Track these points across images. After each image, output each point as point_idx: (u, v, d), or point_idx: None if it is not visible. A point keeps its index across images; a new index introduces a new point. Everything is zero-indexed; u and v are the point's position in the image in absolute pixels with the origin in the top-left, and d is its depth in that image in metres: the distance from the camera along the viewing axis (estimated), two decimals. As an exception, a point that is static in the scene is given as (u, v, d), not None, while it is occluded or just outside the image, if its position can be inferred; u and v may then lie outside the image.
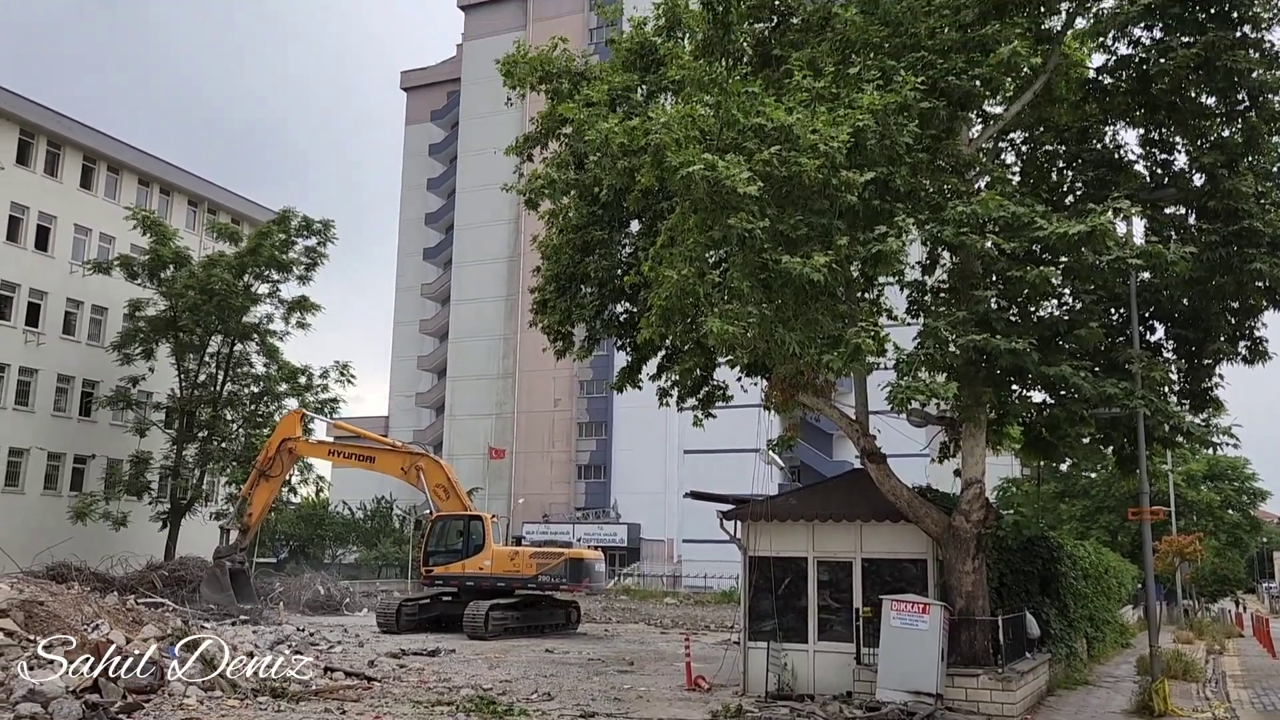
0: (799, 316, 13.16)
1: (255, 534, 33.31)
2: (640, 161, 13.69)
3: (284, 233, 40.98)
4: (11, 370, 40.06)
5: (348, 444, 33.49)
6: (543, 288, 19.50)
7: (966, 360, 14.17)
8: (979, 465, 15.84)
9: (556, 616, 29.87)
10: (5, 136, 40.33)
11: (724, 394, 19.38)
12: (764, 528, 17.15)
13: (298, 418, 33.33)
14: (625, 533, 65.48)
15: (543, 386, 71.82)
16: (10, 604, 13.66)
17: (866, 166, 13.17)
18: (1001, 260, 14.15)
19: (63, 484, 41.70)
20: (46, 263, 41.66)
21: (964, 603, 15.31)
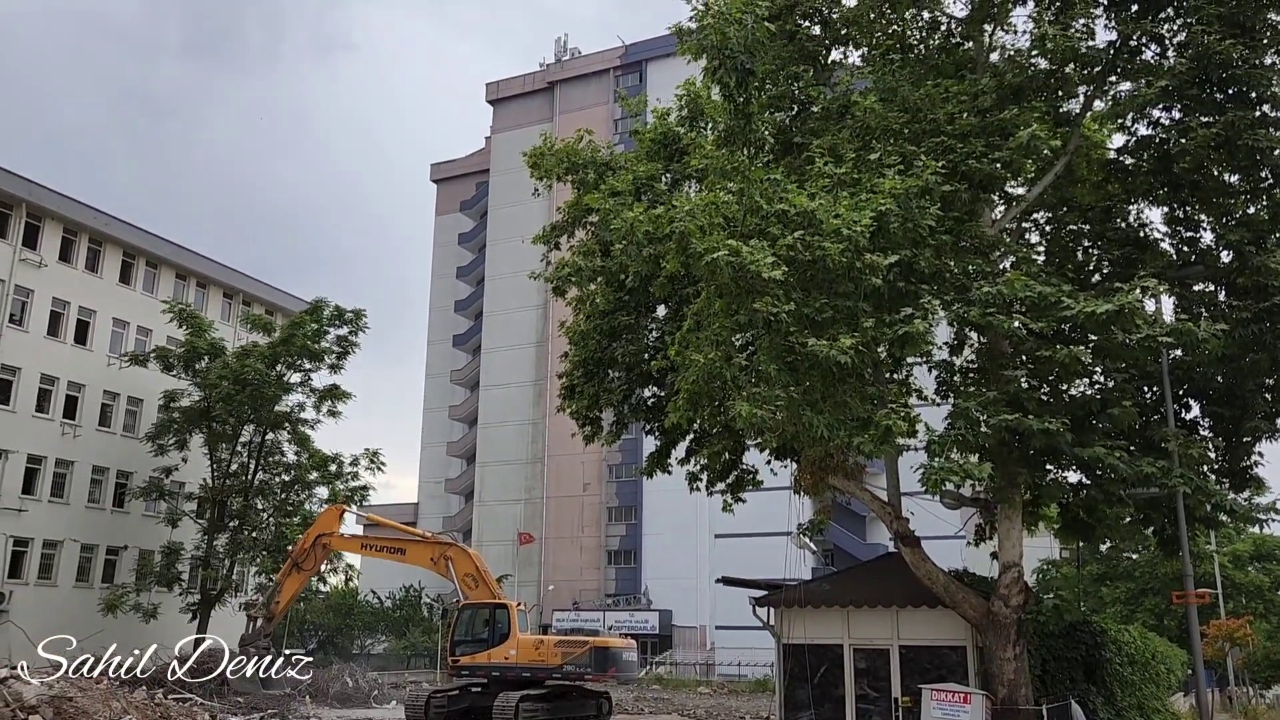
0: (827, 399, 13.14)
1: (280, 623, 33.19)
2: (665, 248, 13.90)
3: (316, 322, 41.61)
4: (49, 463, 40.54)
5: (379, 537, 33.59)
6: (570, 373, 19.65)
7: (999, 441, 14.04)
8: (1016, 548, 15.56)
9: (588, 708, 29.21)
10: (50, 234, 41.55)
11: (754, 478, 19.28)
12: (798, 614, 16.87)
13: (337, 514, 33.52)
14: (657, 619, 64.42)
15: (572, 471, 71.65)
16: (41, 700, 13.60)
17: (890, 249, 13.28)
18: (1030, 340, 14.11)
19: (95, 575, 41.79)
20: (85, 356, 42.47)
21: (1006, 691, 14.89)
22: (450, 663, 29.00)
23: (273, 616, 31.93)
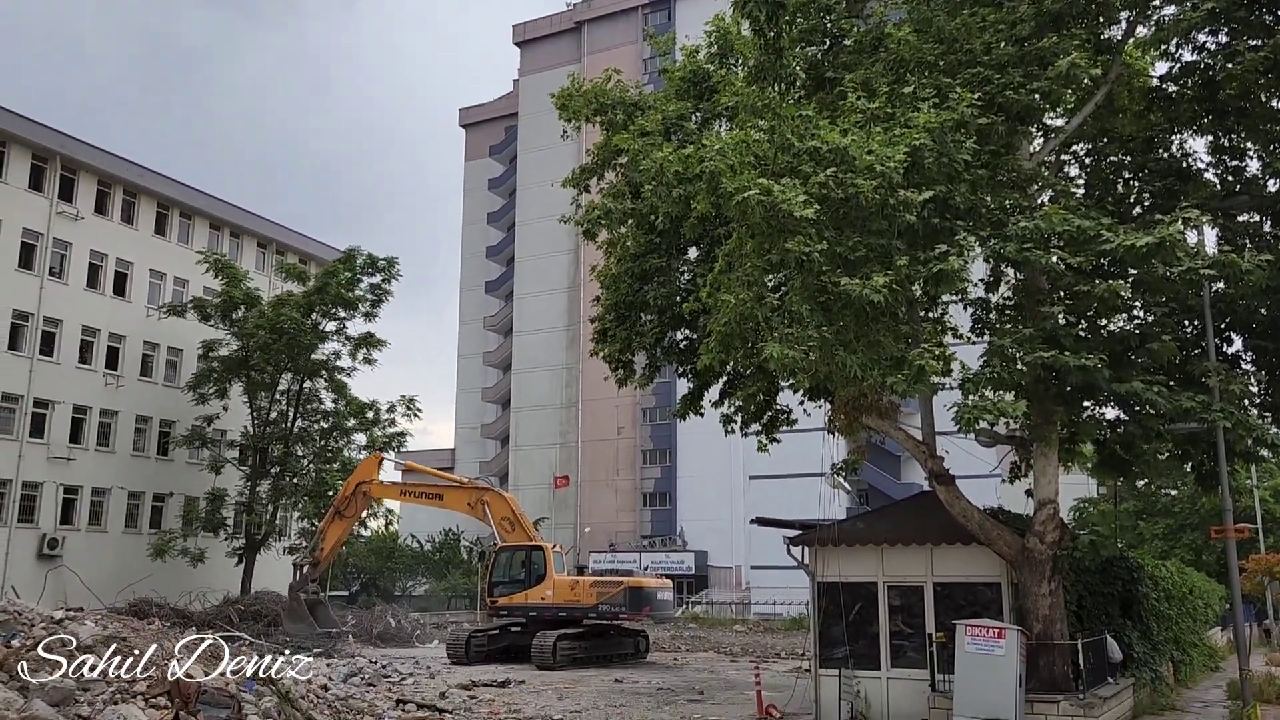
0: (860, 338, 13.02)
1: (326, 568, 34.07)
2: (696, 189, 13.75)
3: (349, 271, 41.88)
4: (93, 413, 41.39)
5: (417, 483, 34.23)
6: (602, 317, 19.63)
7: (1035, 378, 13.89)
8: (1051, 485, 15.48)
9: (625, 646, 29.78)
10: (85, 187, 41.94)
11: (788, 418, 19.26)
12: (832, 553, 16.94)
13: (377, 462, 34.24)
14: (692, 560, 65.11)
15: (606, 415, 72.03)
16: (95, 640, 14.02)
17: (924, 185, 13.03)
18: (1068, 275, 13.86)
19: (142, 522, 42.86)
20: (124, 308, 43.08)
21: (1041, 626, 14.93)
22: (489, 603, 29.65)
23: (318, 563, 32.91)
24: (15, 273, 38.79)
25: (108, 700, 12.19)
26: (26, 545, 38.04)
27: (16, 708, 10.80)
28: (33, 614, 14.79)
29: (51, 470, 39.37)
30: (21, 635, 13.36)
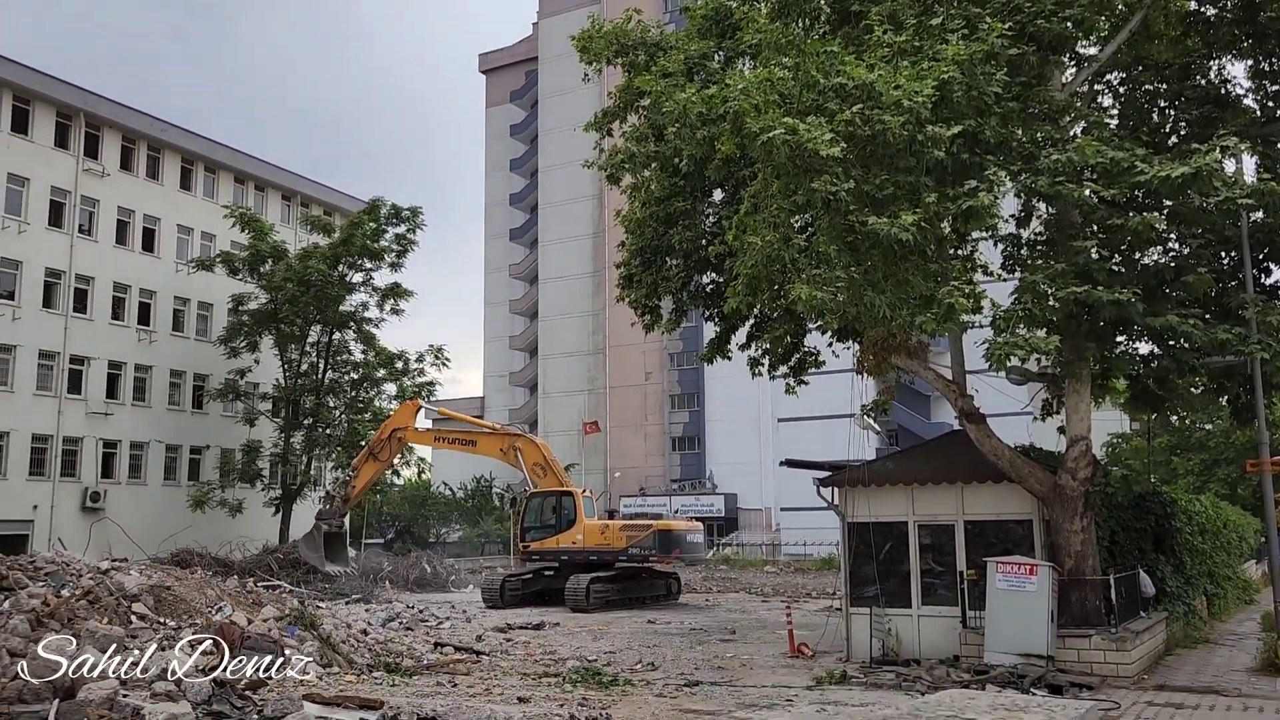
0: (889, 278, 12.89)
1: (354, 504, 34.86)
2: (720, 130, 13.56)
3: (374, 222, 41.90)
4: (128, 368, 42.00)
5: (451, 430, 34.57)
6: (628, 262, 19.55)
7: (1067, 314, 13.73)
8: (1084, 421, 15.37)
9: (657, 588, 30.14)
10: (109, 143, 42.07)
11: (816, 360, 19.19)
12: (862, 493, 16.96)
13: (413, 409, 34.62)
14: (722, 503, 65.58)
15: (633, 361, 72.17)
16: (141, 589, 14.39)
17: (953, 120, 12.77)
18: (1101, 208, 13.61)
19: (181, 474, 43.64)
20: (153, 263, 43.43)
21: (1073, 562, 14.93)
22: (521, 548, 30.05)
23: (349, 498, 33.70)
24: (46, 231, 39.14)
25: (156, 647, 12.51)
26: (70, 499, 38.91)
27: (68, 653, 11.11)
28: (80, 565, 15.17)
29: (91, 425, 40.09)
30: (70, 585, 13.72)
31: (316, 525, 33.20)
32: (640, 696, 13.06)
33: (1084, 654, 14.29)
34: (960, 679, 13.90)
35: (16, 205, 38.45)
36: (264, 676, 12.19)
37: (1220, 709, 12.18)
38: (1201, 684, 13.90)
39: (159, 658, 11.93)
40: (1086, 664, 14.17)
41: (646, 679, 14.75)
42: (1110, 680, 13.77)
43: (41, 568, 14.26)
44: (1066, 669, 13.97)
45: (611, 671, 15.25)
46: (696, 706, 12.28)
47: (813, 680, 14.41)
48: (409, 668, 15.14)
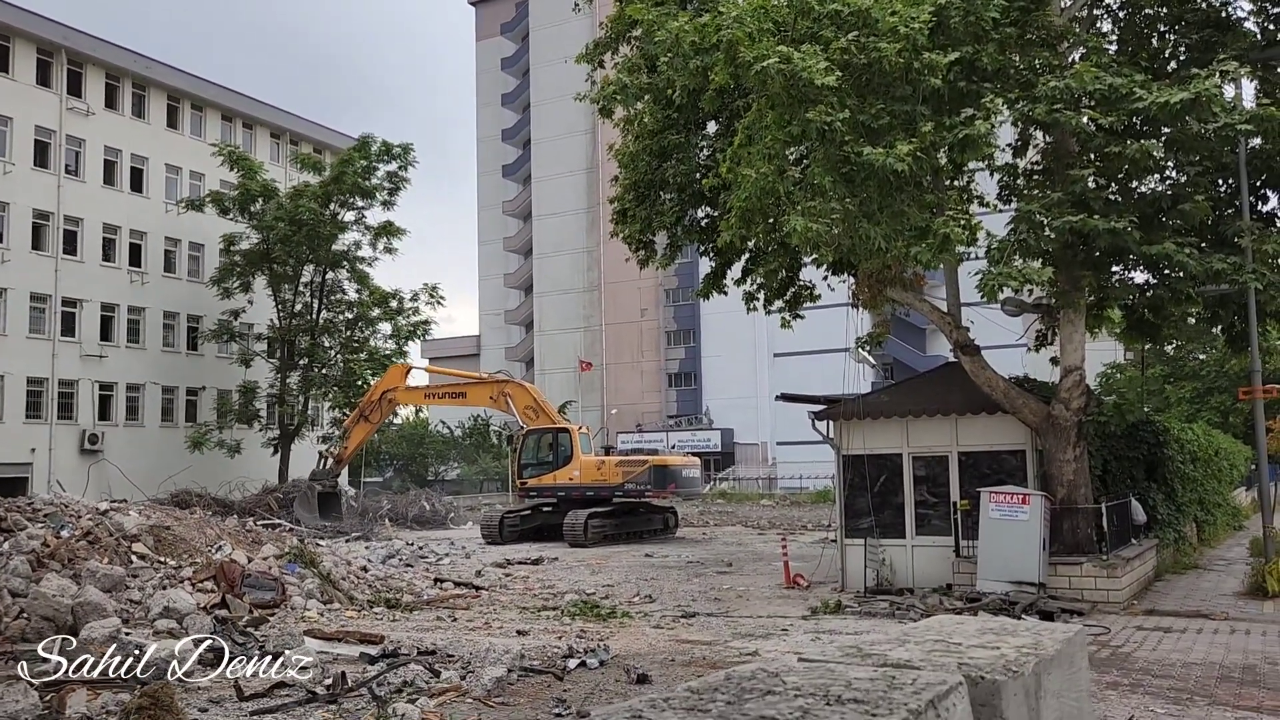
0: (884, 209, 12.78)
1: (346, 466, 35.20)
2: (713, 59, 13.31)
3: (364, 159, 41.40)
4: (121, 310, 41.82)
5: (440, 386, 34.79)
6: (621, 197, 19.32)
7: (1063, 243, 13.65)
8: (1078, 352, 15.37)
9: (654, 522, 30.43)
10: (93, 82, 41.36)
11: (811, 294, 19.11)
12: (857, 426, 17.03)
13: (402, 371, 34.70)
14: (719, 438, 65.99)
15: (629, 297, 72.02)
16: (141, 529, 14.49)
17: (950, 47, 12.56)
18: (1098, 136, 13.45)
19: (178, 415, 43.75)
20: (143, 204, 43.00)
21: (1065, 491, 15.05)
22: (519, 485, 30.27)
23: (341, 459, 34.00)
24: (32, 171, 38.66)
25: (157, 585, 12.64)
26: (68, 441, 39.04)
27: (71, 594, 11.22)
28: (79, 506, 15.26)
29: (86, 368, 40.06)
30: (70, 526, 13.82)
31: (310, 486, 33.46)
32: (637, 628, 13.25)
33: (1075, 581, 14.49)
34: (953, 606, 14.10)
35: (1, 145, 37.92)
36: (264, 614, 12.33)
37: (1207, 631, 12.39)
38: (1189, 608, 14.12)
39: (160, 596, 12.06)
40: (1078, 590, 14.37)
41: (644, 611, 14.95)
42: (1101, 606, 13.99)
43: (40, 509, 14.34)
44: (1058, 596, 14.17)
45: (609, 604, 15.45)
46: (693, 637, 12.47)
47: (808, 610, 14.61)
48: (409, 603, 15.33)
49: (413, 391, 35.10)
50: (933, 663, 2.02)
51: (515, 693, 8.77)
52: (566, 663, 10.00)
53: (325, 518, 32.58)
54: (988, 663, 2.04)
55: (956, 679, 1.83)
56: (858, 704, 1.59)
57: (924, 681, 1.77)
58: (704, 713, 1.51)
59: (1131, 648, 11.37)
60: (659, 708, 1.59)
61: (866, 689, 1.68)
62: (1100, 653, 11.06)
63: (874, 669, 1.92)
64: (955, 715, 1.75)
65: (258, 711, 7.54)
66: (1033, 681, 2.05)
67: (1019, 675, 1.99)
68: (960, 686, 1.82)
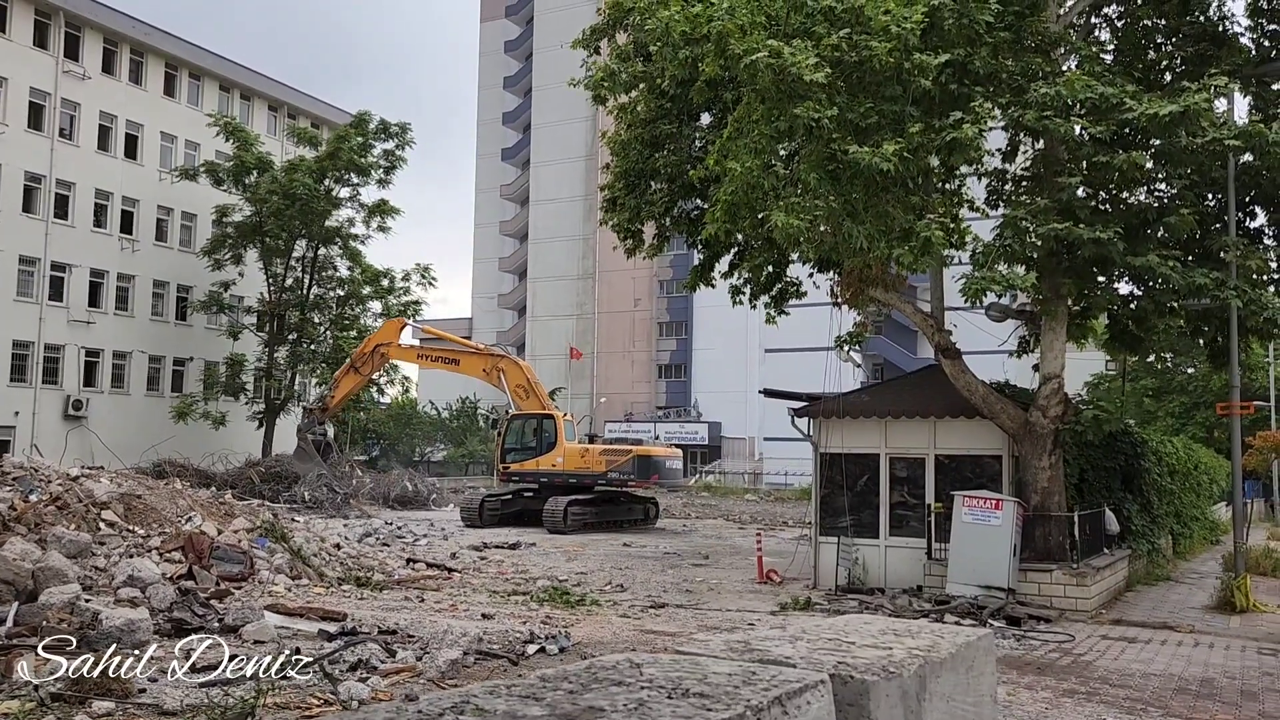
0: (869, 209, 12.75)
1: (333, 414, 35.13)
2: (704, 50, 13.26)
3: (361, 136, 41.25)
4: (111, 277, 41.65)
5: (434, 348, 34.32)
6: (612, 185, 19.28)
7: (1048, 251, 13.65)
8: (1058, 360, 15.38)
9: (635, 512, 30.43)
10: (90, 45, 41.10)
11: (797, 291, 19.08)
12: (836, 424, 17.02)
13: (398, 326, 34.66)
14: (706, 431, 65.99)
15: (622, 286, 71.90)
16: (111, 497, 14.43)
17: (942, 48, 12.53)
18: (1088, 145, 13.44)
19: (164, 385, 43.63)
20: (137, 170, 42.79)
21: (1039, 498, 15.07)
22: (501, 470, 30.24)
23: (327, 408, 34.00)
24: (25, 133, 38.43)
25: (123, 554, 12.60)
26: (52, 406, 38.91)
27: (33, 559, 11.16)
28: (50, 471, 15.19)
29: (73, 333, 39.91)
30: (39, 490, 13.75)
31: (304, 438, 33.59)
32: (604, 617, 13.24)
33: (1045, 588, 14.51)
34: (921, 608, 14.12)
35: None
36: (230, 586, 12.30)
37: (1171, 643, 12.42)
38: (1156, 619, 14.16)
39: (126, 564, 12.01)
40: (1047, 597, 14.40)
41: (614, 600, 14.94)
42: (1069, 614, 14.01)
43: (10, 473, 14.27)
44: (1026, 602, 14.20)
45: (580, 592, 15.44)
46: (658, 628, 12.47)
47: (777, 605, 14.63)
48: (379, 582, 15.29)
49: (406, 349, 34.83)
50: (810, 661, 1.99)
51: (469, 675, 8.76)
52: (525, 648, 9.98)
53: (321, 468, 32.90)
54: (867, 663, 2.01)
55: (818, 678, 1.80)
56: (701, 698, 1.56)
57: (782, 679, 1.74)
58: (537, 700, 1.48)
59: (1094, 656, 11.39)
60: (496, 694, 1.56)
61: (719, 684, 1.65)
62: (1061, 660, 11.09)
63: (740, 664, 1.89)
64: (809, 713, 1.72)
65: (206, 684, 7.51)
66: (913, 684, 2.03)
67: (895, 676, 1.96)
68: (821, 685, 1.79)
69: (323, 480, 31.87)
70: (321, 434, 33.96)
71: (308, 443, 33.25)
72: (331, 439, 35.04)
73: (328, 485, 31.74)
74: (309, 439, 33.33)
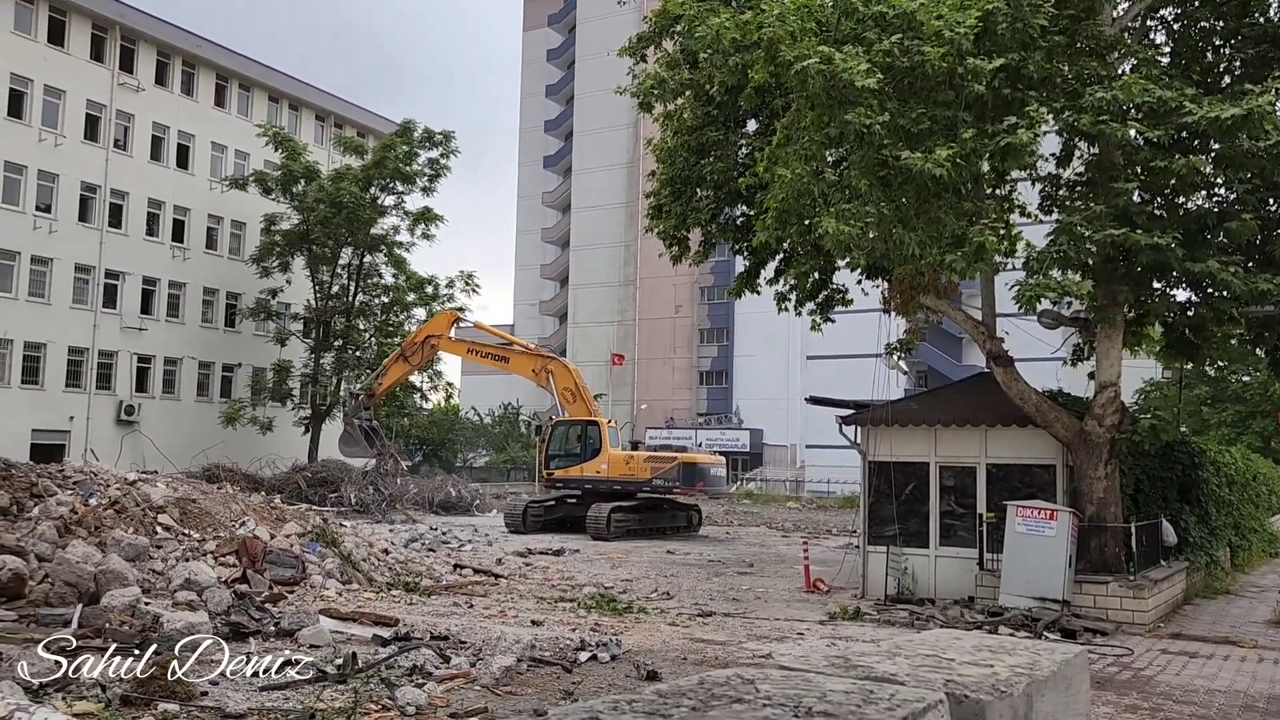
0: (920, 215, 12.62)
1: (379, 402, 35.32)
2: (754, 57, 13.20)
3: (406, 144, 41.68)
4: (162, 284, 42.44)
5: (484, 344, 34.42)
6: (657, 192, 19.26)
7: (1104, 257, 13.42)
8: (1114, 367, 15.11)
9: (678, 519, 30.36)
10: (144, 58, 41.96)
11: (844, 298, 18.93)
12: (884, 432, 16.86)
13: (449, 319, 34.73)
14: (748, 438, 65.76)
15: (664, 293, 71.94)
16: (167, 501, 14.67)
17: (996, 53, 12.37)
18: (1145, 150, 13.19)
19: (214, 391, 44.33)
20: (188, 180, 43.57)
21: (1095, 509, 14.81)
22: (545, 475, 30.30)
23: (374, 394, 34.26)
24: (81, 144, 39.30)
25: (179, 557, 12.79)
26: (105, 411, 39.69)
27: (95, 561, 11.37)
28: (108, 475, 15.47)
29: (125, 340, 40.69)
30: (98, 494, 14.01)
31: (350, 424, 33.98)
32: (653, 624, 13.20)
33: (1100, 600, 14.25)
34: (973, 620, 13.92)
35: (53, 118, 38.58)
36: (283, 590, 12.43)
37: (1235, 659, 12.12)
38: (1218, 634, 13.84)
39: (183, 568, 12.19)
40: (1102, 610, 14.13)
41: (661, 607, 14.90)
42: (1125, 627, 13.74)
43: (71, 476, 14.55)
44: (1082, 614, 13.94)
45: (626, 599, 15.42)
46: (708, 636, 12.41)
47: (826, 615, 14.50)
48: (427, 587, 15.39)
49: (456, 342, 34.86)
50: (918, 679, 1.96)
51: (523, 682, 8.77)
52: (578, 655, 9.98)
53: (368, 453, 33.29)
54: (976, 681, 1.97)
55: (937, 697, 1.76)
56: (827, 718, 1.53)
57: (901, 698, 1.71)
58: (664, 717, 1.46)
59: (1154, 671, 11.15)
60: (620, 710, 1.54)
61: (840, 702, 1.62)
62: (1121, 675, 10.87)
63: (853, 682, 1.86)
64: (931, 734, 1.68)
65: (266, 687, 7.59)
66: (1022, 703, 1.98)
67: (1007, 696, 1.92)
68: (940, 705, 1.75)
69: (369, 479, 32.20)
70: (368, 420, 34.21)
71: (355, 428, 33.60)
72: (377, 426, 35.24)
73: (373, 485, 32.05)
74: (356, 425, 33.68)
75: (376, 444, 34.06)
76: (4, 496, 12.81)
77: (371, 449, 33.42)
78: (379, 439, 34.60)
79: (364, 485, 32.18)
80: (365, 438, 33.69)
